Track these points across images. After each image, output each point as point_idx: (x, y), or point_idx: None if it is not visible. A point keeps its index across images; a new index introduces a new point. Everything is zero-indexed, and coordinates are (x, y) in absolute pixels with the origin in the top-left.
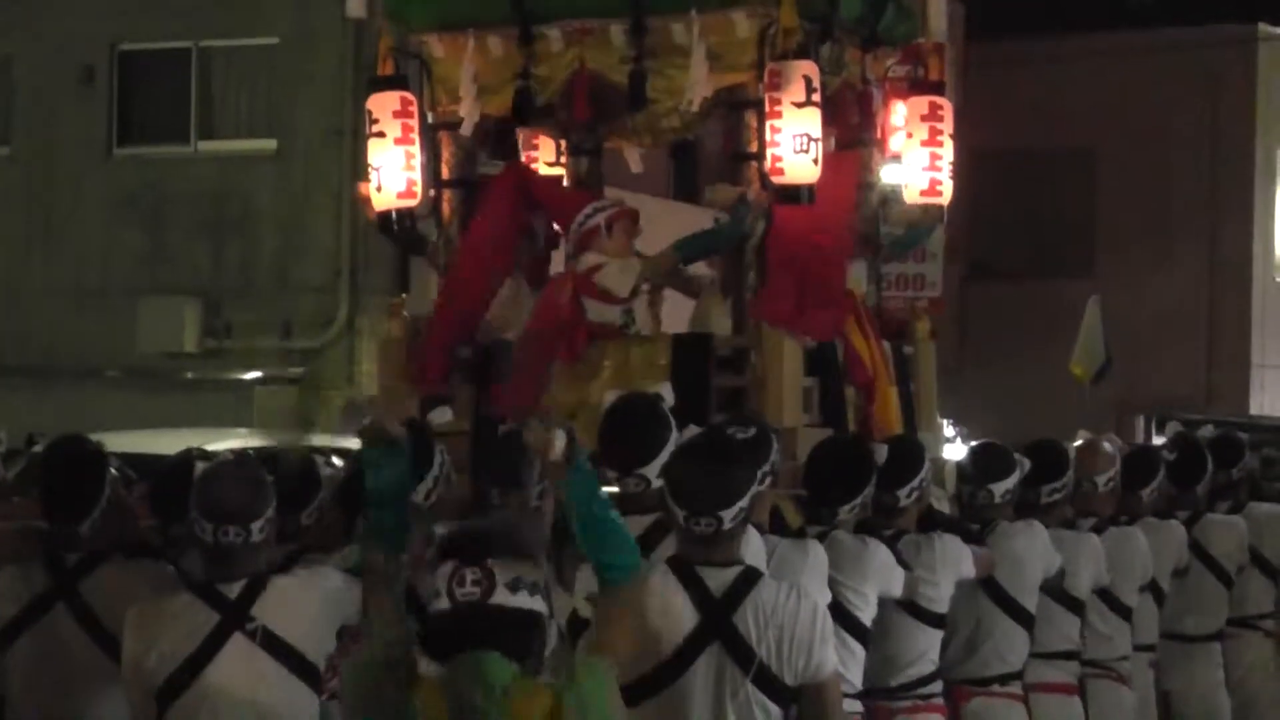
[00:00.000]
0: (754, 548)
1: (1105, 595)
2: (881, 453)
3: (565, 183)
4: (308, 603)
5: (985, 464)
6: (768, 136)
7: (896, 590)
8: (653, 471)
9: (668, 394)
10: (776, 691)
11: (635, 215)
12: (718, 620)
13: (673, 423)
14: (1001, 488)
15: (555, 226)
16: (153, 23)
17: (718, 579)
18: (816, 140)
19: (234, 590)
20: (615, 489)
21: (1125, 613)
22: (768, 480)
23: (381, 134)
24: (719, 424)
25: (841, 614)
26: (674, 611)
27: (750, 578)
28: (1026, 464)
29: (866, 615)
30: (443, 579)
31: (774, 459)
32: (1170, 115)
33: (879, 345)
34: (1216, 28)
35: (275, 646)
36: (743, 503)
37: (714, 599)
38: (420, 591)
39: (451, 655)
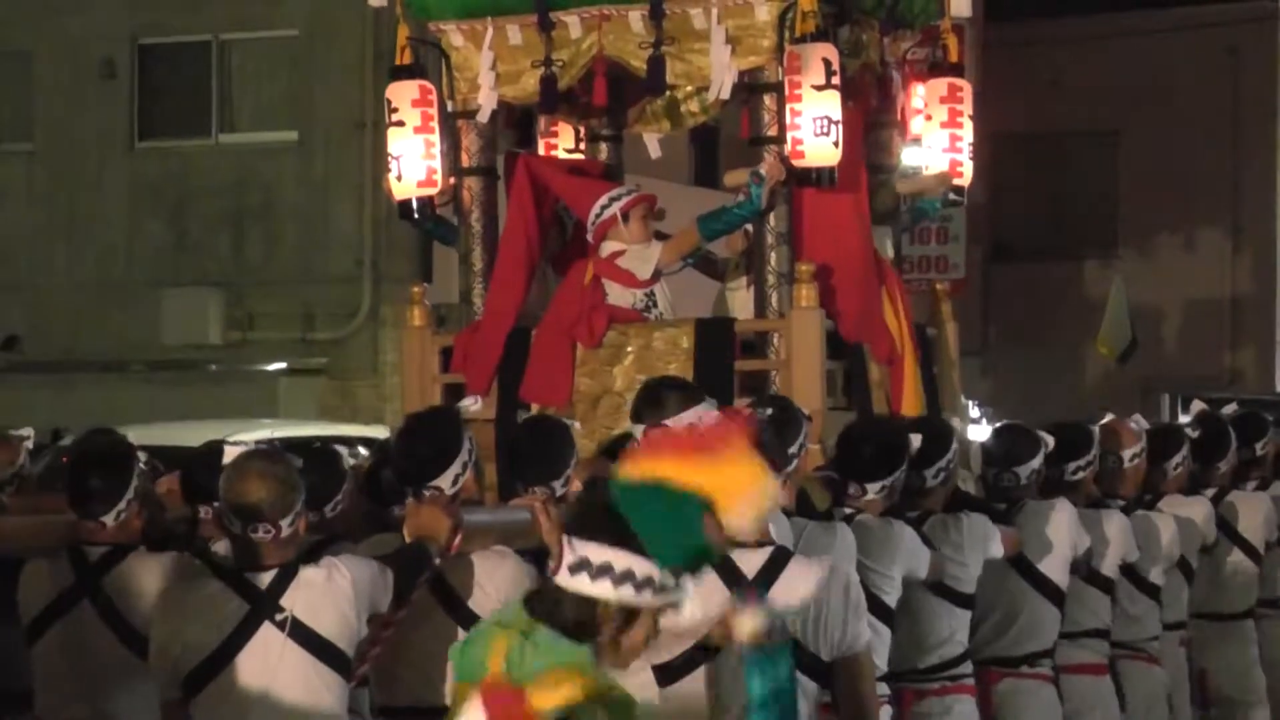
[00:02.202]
0: (781, 530)
1: (1132, 575)
2: (911, 439)
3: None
4: (338, 592)
5: (1009, 447)
6: (788, 120)
7: (922, 572)
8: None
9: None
10: (812, 668)
11: (652, 200)
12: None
13: (704, 397)
14: (1026, 470)
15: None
16: (173, 16)
17: (750, 560)
18: (837, 123)
19: (264, 580)
20: None
21: (1153, 592)
22: (795, 463)
23: (401, 123)
24: (748, 405)
25: (867, 596)
26: (708, 593)
27: (782, 557)
28: (1050, 441)
29: (892, 598)
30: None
31: (802, 440)
32: (1191, 93)
33: (909, 320)
34: (1237, 5)
35: (305, 636)
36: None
37: (747, 580)
38: (452, 583)
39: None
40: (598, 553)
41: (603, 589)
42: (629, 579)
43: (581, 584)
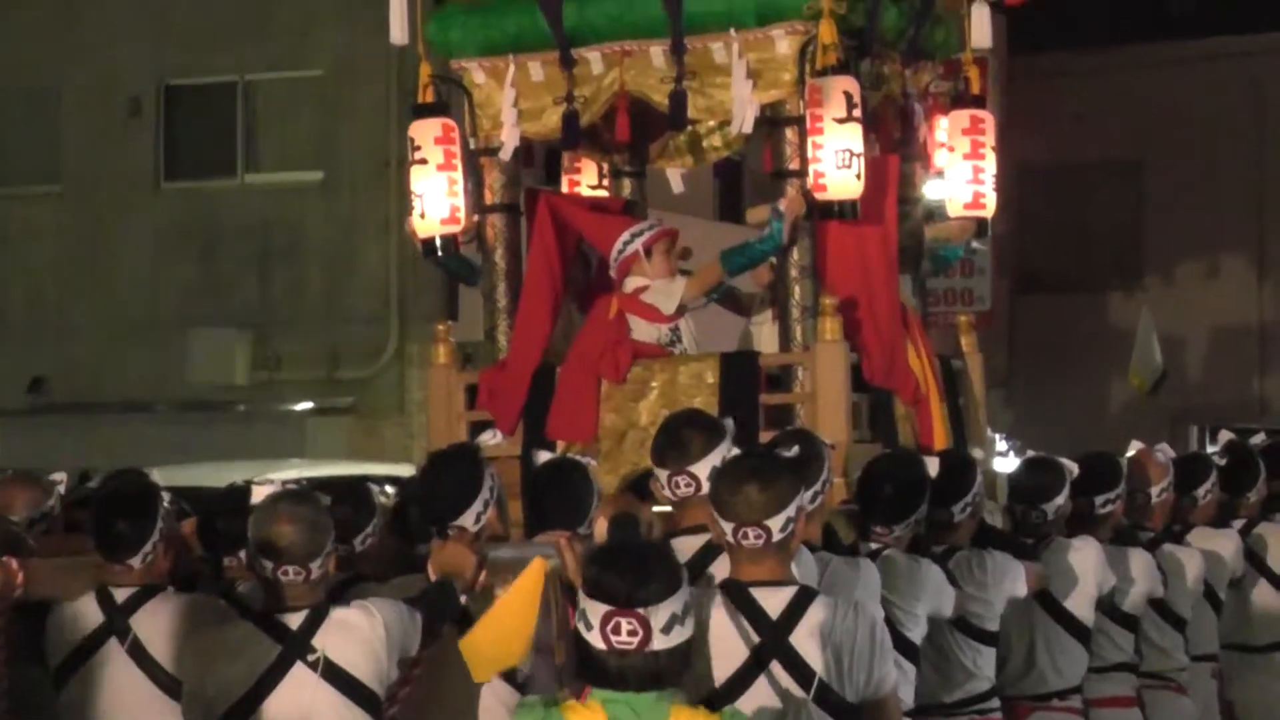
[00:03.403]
0: (806, 566)
1: (1160, 607)
2: (933, 467)
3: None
4: (369, 633)
5: (1035, 483)
6: (810, 153)
7: (947, 611)
8: (703, 471)
9: (730, 425)
10: (839, 709)
11: (674, 234)
12: (776, 641)
13: (729, 434)
14: (1053, 506)
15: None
16: (198, 56)
17: (773, 599)
18: (859, 155)
19: (295, 621)
20: (667, 506)
21: (1180, 624)
22: (820, 499)
23: (424, 160)
24: (772, 440)
25: (892, 633)
26: (731, 634)
27: (806, 597)
28: (1075, 470)
29: (916, 634)
30: (595, 615)
31: (826, 475)
32: (1216, 124)
33: (931, 360)
34: (1260, 36)
35: (337, 676)
36: (789, 512)
37: (770, 620)
38: (475, 616)
39: (606, 687)
40: (671, 605)
41: (689, 628)
42: (689, 611)
43: (675, 637)
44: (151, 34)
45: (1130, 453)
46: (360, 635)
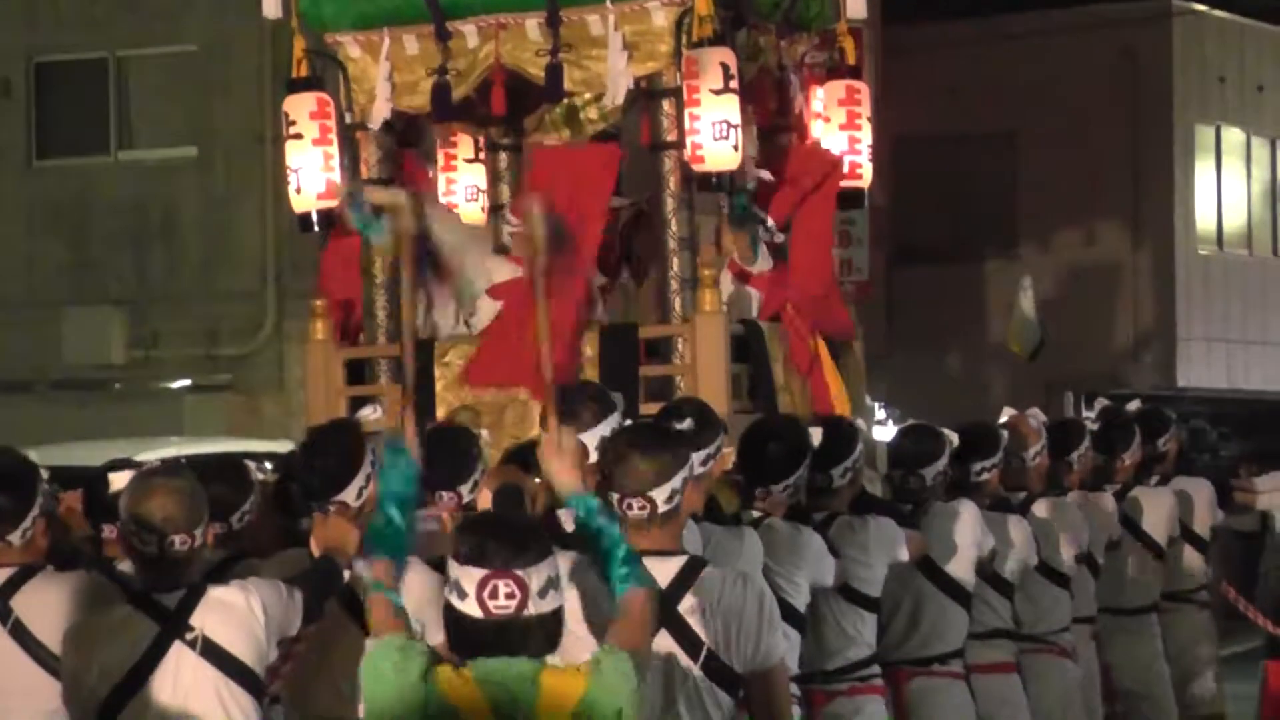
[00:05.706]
0: (690, 537)
1: (1042, 567)
2: (816, 436)
3: (484, 179)
4: (246, 613)
5: (914, 448)
6: (687, 124)
7: (828, 580)
8: (591, 441)
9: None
10: (725, 679)
11: None
12: (664, 610)
13: (619, 407)
14: (932, 471)
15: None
16: (68, 34)
17: (662, 569)
18: (736, 127)
19: (173, 600)
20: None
21: (1063, 582)
22: (711, 463)
23: (299, 135)
24: (664, 409)
25: (777, 600)
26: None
27: (695, 567)
28: (955, 439)
29: (800, 601)
30: (470, 582)
31: (719, 442)
32: (1089, 93)
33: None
34: (1133, 4)
35: (216, 655)
36: (674, 484)
37: (659, 590)
38: (361, 596)
39: (483, 655)
40: (546, 568)
41: (561, 596)
42: (559, 580)
43: (550, 603)
44: (20, 12)
45: (1003, 419)
46: (238, 615)
